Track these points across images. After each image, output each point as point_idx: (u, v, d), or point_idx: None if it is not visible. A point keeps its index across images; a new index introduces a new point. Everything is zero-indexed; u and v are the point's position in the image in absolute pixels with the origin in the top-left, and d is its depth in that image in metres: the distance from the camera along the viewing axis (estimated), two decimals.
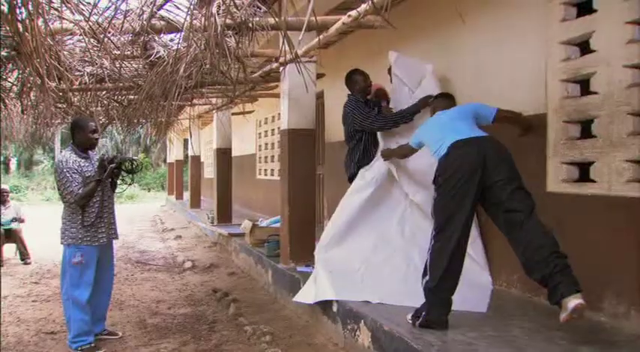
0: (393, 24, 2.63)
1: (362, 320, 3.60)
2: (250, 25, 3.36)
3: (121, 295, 5.80)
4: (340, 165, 7.52)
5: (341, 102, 5.71)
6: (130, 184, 4.31)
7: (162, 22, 3.62)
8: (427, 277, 3.25)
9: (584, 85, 3.57)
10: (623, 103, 3.24)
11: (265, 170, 11.49)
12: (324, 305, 4.20)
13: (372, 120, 4.58)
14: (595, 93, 3.43)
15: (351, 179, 4.80)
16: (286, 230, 5.38)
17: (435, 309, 3.22)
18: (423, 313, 3.24)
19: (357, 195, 4.59)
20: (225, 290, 5.85)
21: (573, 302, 2.76)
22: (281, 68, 5.39)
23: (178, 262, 7.87)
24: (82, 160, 4.07)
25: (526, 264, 3.03)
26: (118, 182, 4.30)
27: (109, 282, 4.37)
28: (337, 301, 3.99)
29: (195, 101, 7.51)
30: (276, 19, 2.86)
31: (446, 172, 3.26)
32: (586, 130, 3.55)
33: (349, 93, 4.90)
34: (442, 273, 3.17)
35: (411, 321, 3.30)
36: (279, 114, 5.81)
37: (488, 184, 3.16)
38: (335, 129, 7.61)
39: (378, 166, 4.65)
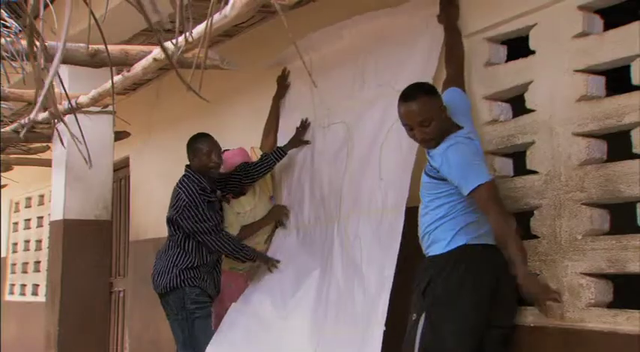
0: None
1: None
2: None
3: None
4: None
5: (157, 176, 5.49)
6: None
7: None
8: None
9: (519, 160, 3.62)
10: (575, 188, 3.26)
11: (23, 286, 10.88)
12: None
13: (207, 230, 4.58)
14: (534, 172, 3.46)
15: (169, 291, 4.61)
16: None
17: None
18: None
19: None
20: None
21: None
22: (54, 121, 5.09)
23: None
24: None
25: None
26: None
27: None
28: None
29: None
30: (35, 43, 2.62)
31: (451, 287, 3.42)
32: (523, 227, 3.54)
33: (187, 165, 4.79)
34: None
35: None
36: (50, 192, 5.56)
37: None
38: (148, 220, 7.40)
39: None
